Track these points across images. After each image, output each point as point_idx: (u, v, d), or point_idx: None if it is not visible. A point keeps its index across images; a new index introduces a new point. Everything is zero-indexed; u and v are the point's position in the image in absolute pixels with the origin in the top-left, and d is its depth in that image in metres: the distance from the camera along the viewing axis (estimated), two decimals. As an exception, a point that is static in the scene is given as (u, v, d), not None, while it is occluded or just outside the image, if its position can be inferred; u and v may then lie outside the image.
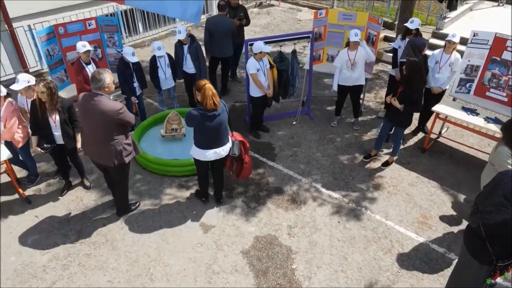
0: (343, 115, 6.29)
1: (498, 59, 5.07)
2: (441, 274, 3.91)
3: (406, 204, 4.74)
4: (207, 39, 6.32)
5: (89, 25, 5.79)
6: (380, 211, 4.64)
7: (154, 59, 5.70)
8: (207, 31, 6.28)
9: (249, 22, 7.01)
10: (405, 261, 4.04)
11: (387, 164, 5.31)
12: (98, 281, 3.82)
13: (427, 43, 5.26)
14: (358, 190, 4.95)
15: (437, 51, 5.42)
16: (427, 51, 5.52)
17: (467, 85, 5.41)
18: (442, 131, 5.88)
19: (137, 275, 3.88)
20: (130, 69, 5.37)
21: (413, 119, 5.10)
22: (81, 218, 4.51)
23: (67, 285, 3.78)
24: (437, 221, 4.51)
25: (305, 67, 6.14)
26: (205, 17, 9.18)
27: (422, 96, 4.67)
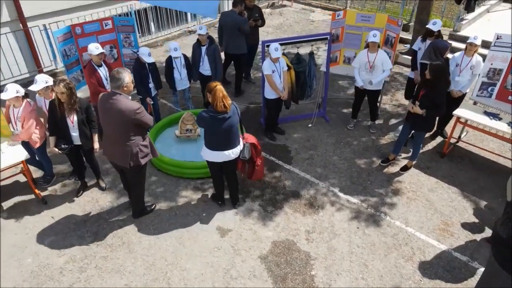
0: (359, 118, 6.19)
1: (522, 62, 4.95)
2: (465, 283, 3.80)
3: (426, 210, 4.64)
4: (219, 33, 6.59)
5: (106, 25, 5.76)
6: (399, 217, 4.54)
7: (170, 60, 5.67)
8: (219, 25, 6.55)
9: (264, 23, 6.96)
10: (427, 269, 3.94)
11: (406, 168, 5.20)
12: (115, 284, 3.77)
13: (450, 46, 5.14)
14: (376, 195, 4.85)
15: (458, 54, 5.31)
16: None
17: (489, 88, 5.28)
18: (461, 135, 5.76)
19: (154, 279, 3.83)
20: (146, 70, 5.34)
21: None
22: (97, 219, 4.48)
23: (84, 288, 3.75)
24: (459, 228, 4.40)
25: (322, 68, 6.05)
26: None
27: (445, 99, 4.57)
